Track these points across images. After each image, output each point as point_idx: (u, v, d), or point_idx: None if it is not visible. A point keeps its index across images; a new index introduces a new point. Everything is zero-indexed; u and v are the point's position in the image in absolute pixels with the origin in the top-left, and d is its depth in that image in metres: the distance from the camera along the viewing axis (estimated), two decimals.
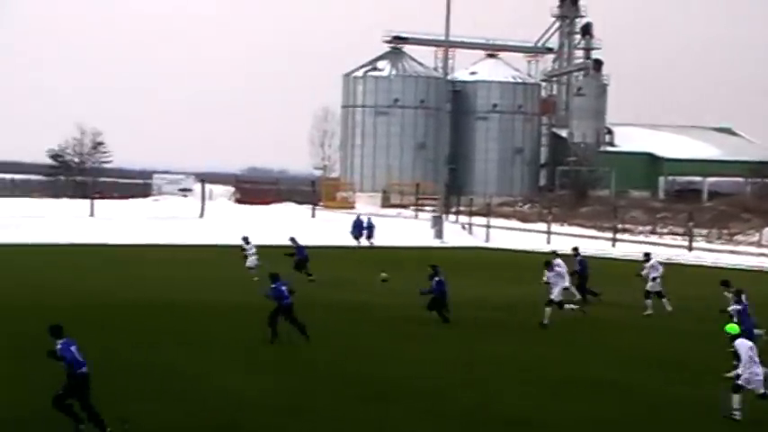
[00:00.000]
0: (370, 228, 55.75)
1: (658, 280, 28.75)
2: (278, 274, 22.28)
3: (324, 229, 61.25)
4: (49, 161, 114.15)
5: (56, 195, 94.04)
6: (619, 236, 63.75)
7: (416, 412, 16.40)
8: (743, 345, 16.15)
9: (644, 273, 28.98)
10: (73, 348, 14.32)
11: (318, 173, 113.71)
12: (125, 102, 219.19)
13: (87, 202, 70.52)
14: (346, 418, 15.93)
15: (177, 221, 64.88)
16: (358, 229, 55.43)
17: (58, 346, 14.24)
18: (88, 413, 14.11)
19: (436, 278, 25.37)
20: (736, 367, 16.09)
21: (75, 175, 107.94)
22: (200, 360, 20.28)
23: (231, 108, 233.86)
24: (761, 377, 15.92)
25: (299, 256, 34.65)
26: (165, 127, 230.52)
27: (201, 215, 71.31)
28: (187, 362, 19.98)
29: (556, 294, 25.95)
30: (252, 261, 34.03)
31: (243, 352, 21.13)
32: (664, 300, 28.57)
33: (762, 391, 15.90)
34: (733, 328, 16.85)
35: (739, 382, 15.95)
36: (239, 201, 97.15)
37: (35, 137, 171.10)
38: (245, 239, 35.05)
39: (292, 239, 35.62)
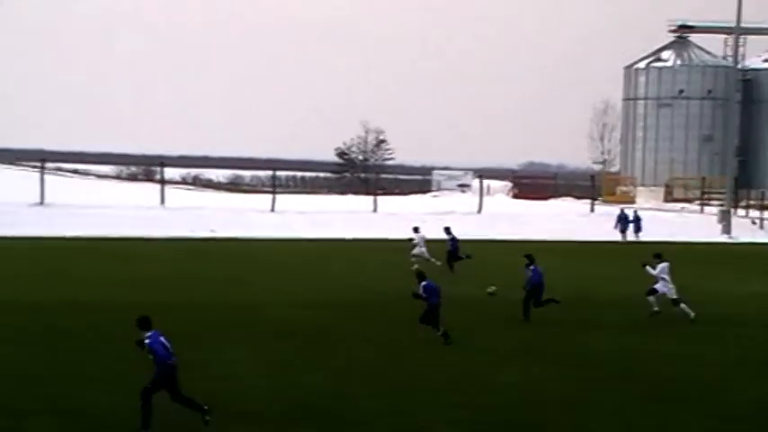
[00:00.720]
0: (637, 221, 54.44)
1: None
2: (424, 273, 21.90)
3: (602, 223, 60.22)
4: (336, 159, 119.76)
5: (342, 192, 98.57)
6: None
7: (700, 413, 15.87)
8: None
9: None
10: (162, 339, 14.23)
11: (597, 167, 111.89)
12: (407, 101, 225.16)
13: (371, 198, 73.47)
14: (628, 416, 15.64)
15: (455, 216, 66.02)
16: (623, 222, 54.37)
17: (147, 340, 14.18)
18: (182, 402, 14.12)
19: (532, 267, 24.22)
20: None
21: (359, 173, 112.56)
22: (471, 354, 20.61)
23: (508, 103, 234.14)
24: None
25: (452, 246, 34.89)
26: (443, 124, 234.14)
27: (479, 210, 72.20)
28: (456, 355, 20.37)
29: (660, 287, 24.64)
30: (418, 250, 34.96)
31: (514, 344, 21.31)
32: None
33: None
34: None
35: None
36: (516, 196, 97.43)
37: (323, 136, 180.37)
38: (415, 229, 35.87)
39: (446, 230, 35.79)
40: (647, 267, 25.15)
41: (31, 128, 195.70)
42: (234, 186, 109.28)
